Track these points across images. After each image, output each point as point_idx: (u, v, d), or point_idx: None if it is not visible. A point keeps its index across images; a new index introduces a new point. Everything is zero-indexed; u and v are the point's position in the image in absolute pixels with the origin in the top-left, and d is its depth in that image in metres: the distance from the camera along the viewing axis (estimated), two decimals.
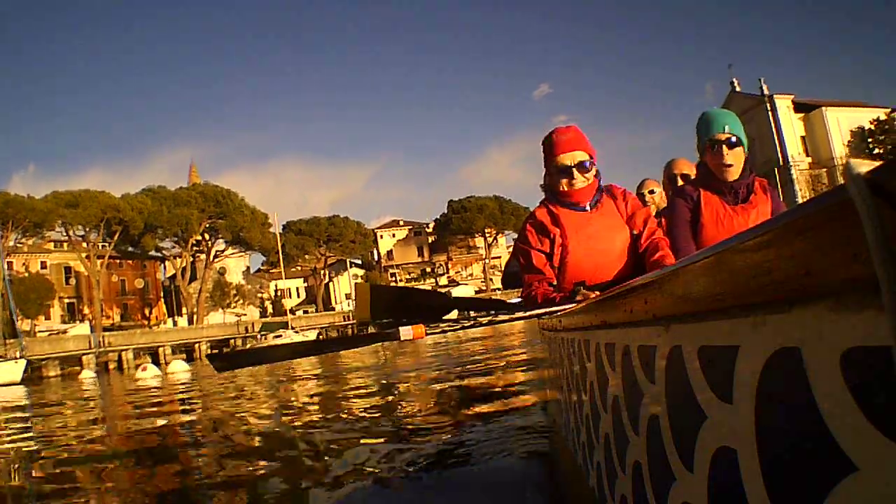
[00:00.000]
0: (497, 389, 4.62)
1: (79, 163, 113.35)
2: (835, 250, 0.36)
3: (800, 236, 0.40)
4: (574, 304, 1.78)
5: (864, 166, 0.34)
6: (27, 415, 9.24)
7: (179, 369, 21.16)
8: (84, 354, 35.09)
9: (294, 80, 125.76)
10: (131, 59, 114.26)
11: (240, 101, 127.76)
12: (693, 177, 2.85)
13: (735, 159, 2.22)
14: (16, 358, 29.07)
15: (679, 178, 3.44)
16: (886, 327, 0.32)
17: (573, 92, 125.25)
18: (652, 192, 3.50)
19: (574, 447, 1.81)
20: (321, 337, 38.96)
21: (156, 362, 32.33)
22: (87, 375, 27.90)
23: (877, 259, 0.32)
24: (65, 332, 40.52)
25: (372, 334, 2.13)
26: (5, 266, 33.78)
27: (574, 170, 2.16)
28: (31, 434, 6.25)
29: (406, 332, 1.96)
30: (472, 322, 2.17)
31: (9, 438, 5.79)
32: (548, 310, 2.06)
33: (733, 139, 2.20)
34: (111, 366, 35.61)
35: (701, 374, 0.63)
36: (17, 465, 4.14)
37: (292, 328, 41.37)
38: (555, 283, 2.19)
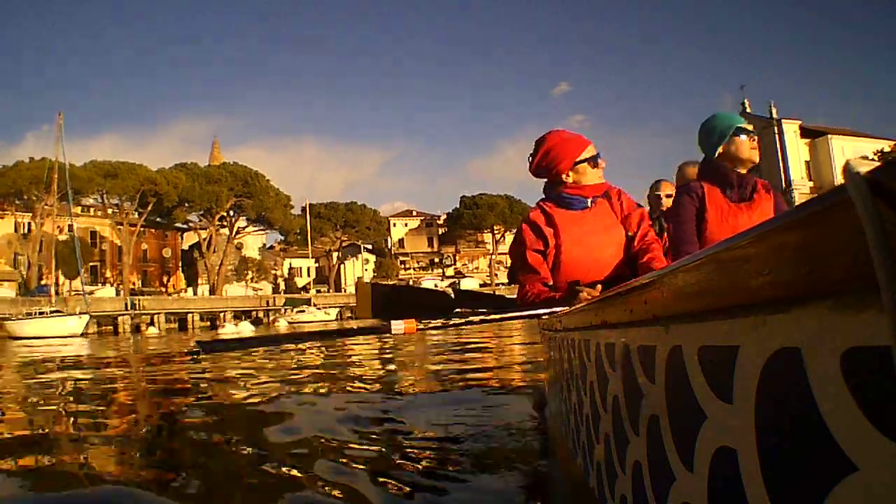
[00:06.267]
0: (493, 385, 4.62)
1: (93, 127, 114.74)
2: (835, 250, 0.36)
3: (800, 236, 0.40)
4: (573, 305, 1.78)
5: (864, 166, 0.34)
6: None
7: (247, 329, 32.46)
8: (120, 315, 38.65)
9: (315, 62, 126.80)
10: (151, 25, 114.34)
11: (259, 78, 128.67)
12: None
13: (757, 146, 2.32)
14: (77, 313, 31.88)
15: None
16: (886, 327, 0.32)
17: (592, 93, 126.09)
18: (669, 195, 3.39)
19: (574, 447, 1.81)
20: (339, 316, 42.05)
21: (184, 327, 39.26)
22: (153, 332, 32.93)
23: (877, 259, 0.32)
24: (91, 293, 42.44)
25: (363, 328, 2.13)
26: (74, 227, 38.59)
27: (599, 157, 2.28)
28: None
29: (398, 326, 1.97)
30: (468, 320, 2.17)
31: None
32: (548, 310, 2.06)
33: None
34: (142, 327, 38.03)
35: (701, 374, 0.63)
36: None
37: (314, 305, 44.53)
38: (550, 283, 2.21)
